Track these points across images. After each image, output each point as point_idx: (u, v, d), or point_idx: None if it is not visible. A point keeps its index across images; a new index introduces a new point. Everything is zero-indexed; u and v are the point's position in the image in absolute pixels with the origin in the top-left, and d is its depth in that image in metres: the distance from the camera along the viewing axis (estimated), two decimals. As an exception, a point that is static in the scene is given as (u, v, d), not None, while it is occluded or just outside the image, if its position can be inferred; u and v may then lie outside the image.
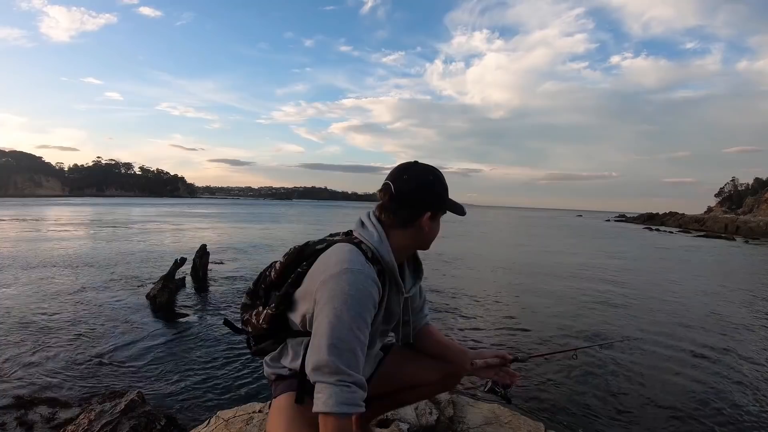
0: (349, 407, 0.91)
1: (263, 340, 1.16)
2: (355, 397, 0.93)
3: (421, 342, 1.33)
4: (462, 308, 6.50)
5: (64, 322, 5.22)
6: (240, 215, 39.54)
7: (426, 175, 1.10)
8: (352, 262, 1.00)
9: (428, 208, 1.09)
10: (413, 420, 1.95)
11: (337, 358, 0.92)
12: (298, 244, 1.16)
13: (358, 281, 0.97)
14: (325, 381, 0.92)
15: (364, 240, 1.08)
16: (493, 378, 1.30)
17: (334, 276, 0.98)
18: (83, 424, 2.41)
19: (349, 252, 1.03)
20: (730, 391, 3.82)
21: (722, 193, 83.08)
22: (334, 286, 0.96)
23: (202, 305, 6.38)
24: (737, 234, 37.48)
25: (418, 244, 1.14)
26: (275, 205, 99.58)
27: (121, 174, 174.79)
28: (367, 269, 1.00)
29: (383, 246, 1.07)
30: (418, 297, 1.31)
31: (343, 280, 0.96)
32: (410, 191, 1.08)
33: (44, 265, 9.22)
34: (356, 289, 0.96)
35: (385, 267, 1.08)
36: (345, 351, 0.93)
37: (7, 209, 37.11)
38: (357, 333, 0.94)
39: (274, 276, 1.16)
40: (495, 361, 1.29)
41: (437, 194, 1.11)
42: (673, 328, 5.85)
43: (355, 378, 0.93)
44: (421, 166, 1.12)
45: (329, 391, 0.92)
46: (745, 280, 11.02)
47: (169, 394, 3.43)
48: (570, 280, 9.70)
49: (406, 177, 1.09)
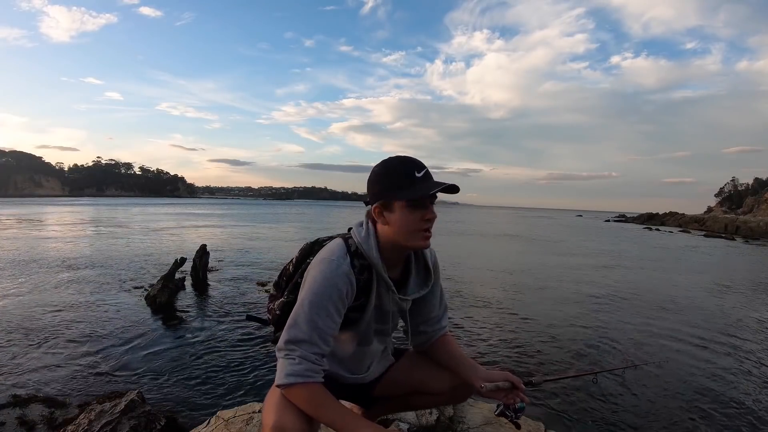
0: (296, 377, 0.99)
1: (280, 328, 1.21)
2: (301, 368, 0.99)
3: (435, 352, 1.31)
4: (464, 316, 6.48)
5: (63, 322, 5.22)
6: (240, 215, 39.53)
7: (375, 167, 1.11)
8: (332, 253, 1.08)
9: (376, 198, 1.08)
10: (413, 420, 1.95)
11: (288, 335, 1.02)
12: (309, 240, 1.25)
13: (327, 270, 1.04)
14: (278, 356, 1.04)
15: (354, 236, 1.13)
16: (503, 401, 1.22)
17: (313, 266, 1.08)
18: (83, 424, 2.41)
19: (334, 245, 1.11)
20: (733, 393, 3.82)
21: (722, 193, 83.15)
22: (309, 275, 1.07)
23: (202, 305, 6.38)
24: (737, 234, 37.47)
25: (396, 238, 1.08)
26: (275, 205, 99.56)
27: (121, 174, 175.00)
28: (340, 261, 1.06)
29: (368, 242, 1.10)
30: (437, 306, 1.30)
31: (316, 270, 1.06)
32: (367, 187, 1.12)
33: (44, 265, 9.22)
34: (323, 277, 1.04)
35: (370, 262, 1.10)
36: (298, 331, 1.01)
37: (7, 209, 37.10)
38: (313, 316, 1.01)
39: (291, 268, 1.24)
40: (506, 384, 1.21)
41: (380, 184, 1.07)
42: (684, 337, 5.84)
43: (301, 352, 1.00)
44: (382, 160, 1.12)
45: (279, 364, 1.02)
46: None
47: (169, 394, 3.42)
48: (576, 285, 9.69)
49: (369, 174, 1.13)
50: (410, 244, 1.08)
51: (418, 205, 1.04)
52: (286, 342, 1.01)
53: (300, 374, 0.99)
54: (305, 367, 1.00)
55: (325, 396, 1.01)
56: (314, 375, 1.01)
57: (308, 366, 1.00)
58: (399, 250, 1.14)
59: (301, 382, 0.99)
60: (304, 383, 0.99)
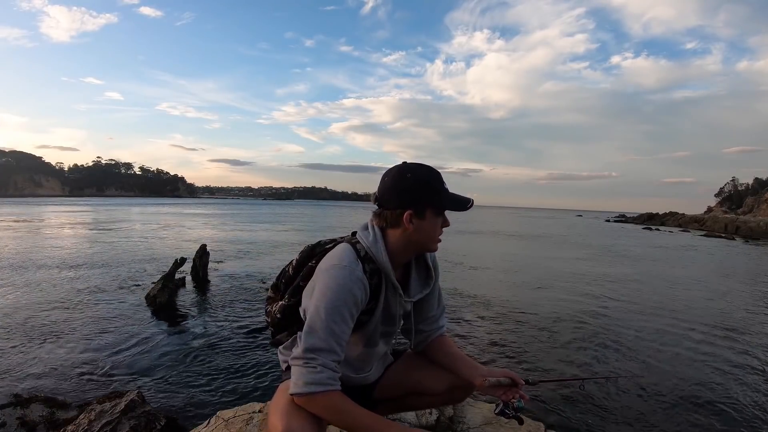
0: (317, 386, 0.98)
1: (280, 331, 1.24)
2: (323, 377, 0.98)
3: (433, 352, 1.33)
4: (465, 316, 6.47)
5: (63, 322, 5.22)
6: (240, 215, 39.53)
7: (403, 174, 1.10)
8: (342, 259, 1.07)
9: (406, 206, 1.09)
10: (413, 420, 1.95)
11: (307, 343, 1.00)
12: (310, 243, 1.24)
13: (340, 276, 1.04)
14: (295, 364, 1.01)
15: (361, 240, 1.12)
16: (503, 399, 1.23)
17: (323, 272, 1.06)
18: (83, 424, 2.41)
19: (342, 251, 1.10)
20: (733, 393, 3.82)
21: (722, 193, 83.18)
22: (320, 281, 1.05)
23: (202, 305, 6.38)
24: (737, 234, 37.48)
25: (412, 244, 1.13)
26: (275, 205, 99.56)
27: (121, 174, 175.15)
28: (353, 267, 1.06)
29: (377, 246, 1.10)
30: (435, 306, 1.32)
31: (328, 276, 1.05)
32: (388, 192, 1.10)
33: (43, 265, 9.22)
34: (337, 284, 1.03)
35: (380, 267, 1.11)
36: (317, 339, 1.00)
37: (6, 209, 37.11)
38: (330, 324, 1.00)
39: (291, 271, 1.23)
40: (506, 381, 1.22)
41: (414, 192, 1.09)
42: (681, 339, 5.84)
43: (322, 360, 0.99)
44: (403, 165, 1.13)
45: (297, 373, 1.00)
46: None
47: (169, 394, 3.42)
48: (575, 285, 9.69)
49: (386, 179, 1.12)
50: (429, 248, 1.16)
51: (440, 213, 1.13)
52: (306, 350, 1.00)
53: (321, 383, 0.98)
54: (327, 376, 0.99)
55: (346, 402, 1.01)
56: (334, 383, 1.00)
57: (329, 374, 1.00)
58: (408, 254, 1.17)
59: (322, 390, 0.98)
60: (325, 392, 0.99)
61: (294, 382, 0.99)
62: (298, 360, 1.01)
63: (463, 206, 1.12)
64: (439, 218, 1.13)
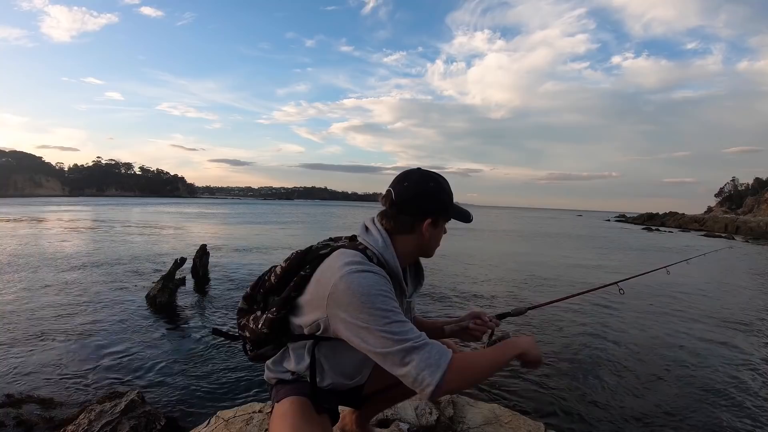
0: (444, 357, 0.93)
1: (262, 345, 1.14)
2: (436, 350, 0.93)
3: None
4: (454, 300, 6.47)
5: (63, 322, 5.22)
6: (240, 215, 39.52)
7: (426, 181, 1.10)
8: (359, 263, 1.00)
9: (427, 214, 1.09)
10: (413, 420, 1.94)
11: (397, 343, 0.92)
12: (300, 248, 1.14)
13: (371, 277, 0.97)
14: (410, 365, 0.92)
15: (368, 245, 1.08)
16: (476, 335, 1.32)
17: (343, 281, 0.96)
18: (83, 424, 2.41)
19: (352, 256, 1.03)
20: (737, 393, 3.82)
21: (722, 193, 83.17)
22: (349, 291, 0.95)
23: (202, 305, 6.38)
24: (737, 234, 37.48)
25: (420, 250, 1.16)
26: (275, 204, 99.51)
27: (121, 174, 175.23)
28: (376, 268, 1.01)
29: (388, 251, 1.08)
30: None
31: (355, 283, 0.95)
32: (410, 198, 1.08)
33: (43, 265, 9.21)
34: (374, 281, 0.96)
35: (390, 272, 1.08)
36: (397, 336, 0.93)
37: (6, 209, 37.10)
38: (393, 317, 0.94)
39: (274, 280, 1.13)
40: (468, 322, 1.31)
41: (437, 201, 1.10)
42: (685, 328, 5.84)
43: (420, 341, 0.93)
44: (423, 172, 1.13)
45: (416, 368, 0.91)
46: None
47: (169, 394, 3.42)
48: (575, 285, 9.69)
49: (406, 184, 1.10)
50: (430, 254, 1.19)
51: (446, 222, 1.16)
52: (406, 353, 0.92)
53: (441, 352, 0.93)
54: (437, 348, 0.94)
55: (466, 354, 1.02)
56: (446, 351, 0.95)
57: (435, 345, 0.95)
58: (413, 258, 1.19)
59: (446, 362, 0.93)
60: (450, 361, 0.93)
61: (424, 377, 0.91)
62: (407, 366, 0.92)
63: (467, 219, 1.16)
64: (444, 227, 1.16)
